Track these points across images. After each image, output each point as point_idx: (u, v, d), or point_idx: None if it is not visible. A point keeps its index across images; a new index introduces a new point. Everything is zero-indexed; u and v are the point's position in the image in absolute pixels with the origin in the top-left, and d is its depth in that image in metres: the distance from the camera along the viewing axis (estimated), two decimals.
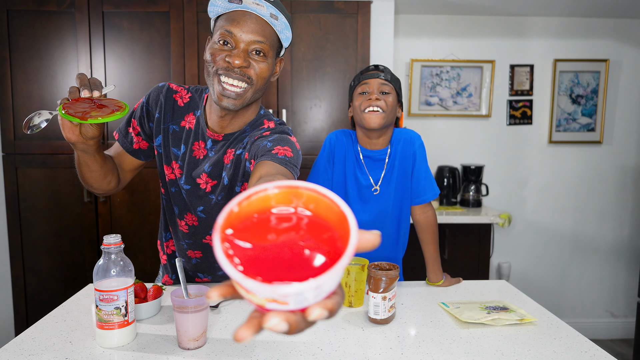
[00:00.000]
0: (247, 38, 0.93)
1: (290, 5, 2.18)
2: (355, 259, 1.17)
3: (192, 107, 1.09)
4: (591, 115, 2.87)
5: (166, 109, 1.08)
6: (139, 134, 1.11)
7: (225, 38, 0.93)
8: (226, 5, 0.93)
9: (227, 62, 0.93)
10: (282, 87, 2.22)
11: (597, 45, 2.82)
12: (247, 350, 0.90)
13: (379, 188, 1.34)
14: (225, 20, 0.94)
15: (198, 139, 1.07)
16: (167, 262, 1.28)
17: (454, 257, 2.40)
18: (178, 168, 1.09)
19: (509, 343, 0.94)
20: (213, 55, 0.95)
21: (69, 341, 0.93)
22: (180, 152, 1.08)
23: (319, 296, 0.33)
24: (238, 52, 0.93)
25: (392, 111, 1.29)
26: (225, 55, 0.94)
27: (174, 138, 1.08)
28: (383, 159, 1.35)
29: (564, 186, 2.92)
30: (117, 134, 1.13)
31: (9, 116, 2.14)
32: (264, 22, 0.95)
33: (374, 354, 0.89)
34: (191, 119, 1.08)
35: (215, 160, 1.06)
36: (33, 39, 2.13)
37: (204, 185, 1.08)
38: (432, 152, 2.86)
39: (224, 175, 1.06)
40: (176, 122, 1.08)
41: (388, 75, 1.30)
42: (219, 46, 0.94)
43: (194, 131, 1.07)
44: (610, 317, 3.01)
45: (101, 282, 0.89)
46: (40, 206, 2.19)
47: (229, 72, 0.94)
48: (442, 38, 2.78)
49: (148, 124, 1.10)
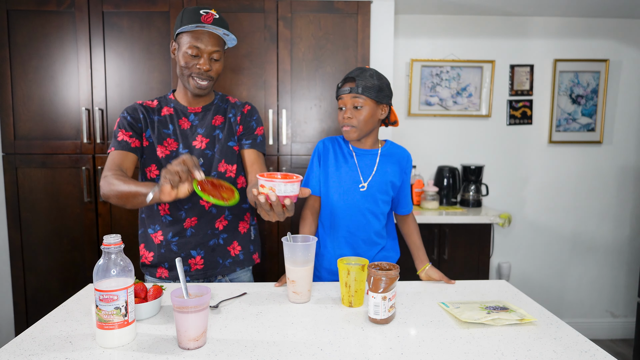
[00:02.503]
0: (209, 49, 1.35)
1: (290, 5, 2.18)
2: (356, 259, 1.17)
3: (164, 104, 1.47)
4: (591, 115, 2.87)
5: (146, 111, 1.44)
6: (131, 136, 1.39)
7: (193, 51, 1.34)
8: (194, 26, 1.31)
9: (197, 69, 1.36)
10: (282, 87, 2.22)
11: (597, 45, 2.82)
12: (247, 350, 0.90)
13: (366, 185, 1.43)
14: (191, 37, 1.33)
15: (180, 117, 1.45)
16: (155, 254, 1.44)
17: (454, 257, 2.40)
18: (173, 142, 1.42)
19: (509, 343, 0.94)
20: (187, 63, 1.35)
21: (69, 341, 0.93)
22: (170, 131, 1.43)
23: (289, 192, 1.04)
24: (204, 60, 1.35)
25: (366, 123, 1.40)
26: (195, 64, 1.35)
27: (161, 123, 1.44)
28: (374, 158, 1.46)
29: (564, 186, 2.92)
30: (112, 147, 1.39)
31: (9, 116, 2.14)
32: (218, 36, 1.36)
33: (374, 354, 0.89)
34: (168, 109, 1.46)
35: (206, 124, 1.45)
36: (33, 39, 2.13)
37: (198, 145, 1.43)
38: (432, 152, 2.86)
39: (218, 132, 1.45)
40: (157, 114, 1.45)
41: (360, 86, 1.36)
42: (189, 57, 1.35)
43: (175, 115, 1.45)
44: (610, 317, 3.01)
45: (101, 282, 0.89)
46: (40, 206, 2.19)
47: (200, 75, 1.37)
48: (442, 38, 2.78)
49: (137, 124, 1.41)
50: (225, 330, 1.00)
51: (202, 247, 1.43)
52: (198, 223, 1.42)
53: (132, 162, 1.39)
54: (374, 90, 1.37)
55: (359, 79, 1.37)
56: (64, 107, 2.16)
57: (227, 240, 1.47)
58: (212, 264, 1.44)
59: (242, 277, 1.53)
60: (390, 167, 1.45)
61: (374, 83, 1.37)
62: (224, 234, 1.46)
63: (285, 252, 1.18)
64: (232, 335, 0.97)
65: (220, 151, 1.44)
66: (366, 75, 1.37)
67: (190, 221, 1.42)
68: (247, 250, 1.51)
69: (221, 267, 1.46)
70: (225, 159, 1.44)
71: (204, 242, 1.43)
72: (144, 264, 1.47)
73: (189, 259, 1.42)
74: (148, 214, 1.46)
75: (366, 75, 1.37)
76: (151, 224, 1.45)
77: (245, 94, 2.21)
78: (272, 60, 2.20)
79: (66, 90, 2.16)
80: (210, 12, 1.33)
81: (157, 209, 1.44)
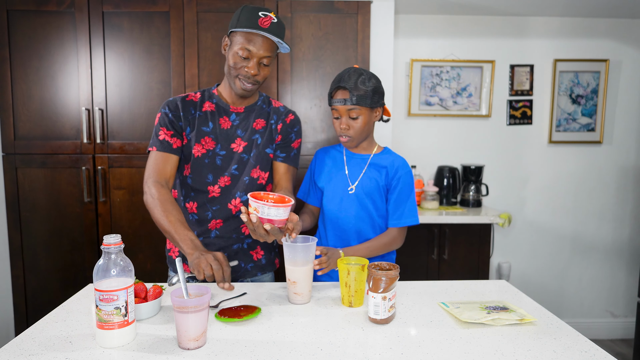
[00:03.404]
0: (261, 54, 1.30)
1: (290, 5, 2.18)
2: (356, 259, 1.17)
3: (207, 98, 1.43)
4: (591, 115, 2.87)
5: (187, 107, 1.39)
6: (172, 135, 1.36)
7: (244, 53, 1.29)
8: (250, 30, 1.27)
9: (245, 72, 1.32)
10: (282, 87, 2.22)
11: (597, 45, 2.82)
12: (247, 350, 0.90)
13: (354, 188, 1.45)
14: (245, 39, 1.28)
15: (222, 115, 1.41)
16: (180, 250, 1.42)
17: (454, 257, 2.40)
18: (210, 141, 1.39)
19: (509, 343, 0.94)
20: (235, 64, 1.31)
21: (69, 341, 0.93)
22: (209, 129, 1.39)
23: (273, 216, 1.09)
24: (253, 64, 1.31)
25: (363, 131, 1.42)
26: (244, 66, 1.31)
27: (201, 119, 1.39)
28: (364, 163, 1.48)
29: (564, 186, 2.92)
30: (153, 147, 1.36)
31: (9, 116, 2.14)
32: (272, 41, 1.31)
33: (374, 354, 0.89)
34: (210, 105, 1.41)
35: (246, 127, 1.42)
36: (33, 39, 2.13)
37: (237, 148, 1.40)
38: (432, 152, 2.86)
39: (257, 137, 1.42)
40: (198, 109, 1.41)
41: (354, 96, 1.35)
42: (239, 58, 1.30)
43: (216, 112, 1.41)
44: (610, 317, 3.01)
45: (101, 282, 0.89)
46: (40, 206, 2.19)
47: (247, 79, 1.33)
48: (442, 38, 2.78)
49: (178, 122, 1.38)
50: (225, 330, 1.00)
51: (225, 250, 1.41)
52: (223, 226, 1.41)
53: (174, 166, 1.37)
54: (368, 98, 1.37)
55: (352, 89, 1.35)
56: (64, 107, 2.16)
57: (251, 244, 1.46)
58: (234, 268, 1.43)
59: (264, 280, 1.52)
60: (377, 173, 1.46)
61: (366, 90, 1.36)
62: (248, 239, 1.45)
63: (285, 252, 1.18)
64: (232, 335, 0.97)
65: (256, 156, 1.42)
66: (358, 83, 1.35)
67: (215, 223, 1.40)
68: (268, 254, 1.51)
69: (243, 270, 1.45)
70: (260, 165, 1.42)
71: (228, 246, 1.42)
72: (171, 257, 1.47)
73: None
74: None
75: (358, 82, 1.36)
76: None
77: None
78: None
79: (66, 90, 2.16)
80: (269, 15, 1.28)
81: (185, 206, 1.42)
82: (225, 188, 1.40)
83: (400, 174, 1.44)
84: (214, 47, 2.18)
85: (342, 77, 1.38)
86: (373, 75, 1.40)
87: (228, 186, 1.40)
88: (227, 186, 1.40)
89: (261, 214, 1.08)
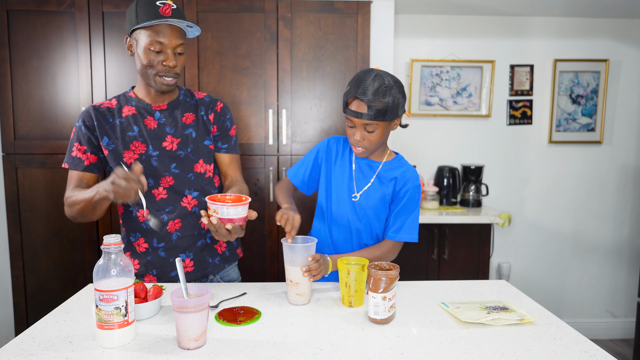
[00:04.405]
0: (173, 43, 1.26)
1: (290, 6, 2.18)
2: (356, 259, 1.17)
3: (124, 103, 1.37)
4: (591, 115, 2.87)
5: (101, 116, 1.33)
6: (85, 151, 1.32)
7: (156, 47, 1.24)
8: (155, 21, 1.22)
9: (164, 66, 1.27)
10: (282, 87, 2.22)
11: (597, 45, 2.82)
12: (247, 350, 0.90)
13: (359, 196, 1.39)
14: (152, 32, 1.23)
15: (145, 117, 1.35)
16: (141, 262, 1.38)
17: (454, 257, 2.40)
18: (140, 144, 1.33)
19: (509, 343, 0.94)
20: (150, 61, 1.26)
21: (69, 341, 0.93)
22: (135, 133, 1.33)
23: (233, 215, 1.11)
24: (169, 55, 1.26)
25: (378, 143, 1.31)
26: (160, 61, 1.26)
27: (124, 126, 1.33)
28: (373, 171, 1.39)
29: (564, 186, 2.92)
30: (66, 164, 1.33)
31: (9, 116, 2.14)
32: (179, 28, 1.27)
33: (374, 354, 0.89)
34: (129, 109, 1.36)
35: (174, 123, 1.36)
36: (33, 39, 2.13)
37: (169, 146, 1.35)
38: (432, 152, 2.86)
39: (191, 131, 1.37)
40: (118, 116, 1.35)
41: (373, 111, 1.22)
42: (152, 54, 1.25)
43: (138, 114, 1.35)
44: (610, 317, 3.01)
45: (101, 282, 0.89)
46: (40, 206, 2.19)
47: (167, 73, 1.28)
48: (442, 38, 2.78)
49: (93, 134, 1.32)
50: (225, 330, 1.00)
51: (190, 249, 1.38)
52: (182, 225, 1.36)
53: (92, 182, 1.34)
54: (387, 112, 1.24)
55: (370, 102, 1.22)
56: (64, 107, 2.16)
57: (213, 238, 1.43)
58: (202, 264, 1.41)
59: (231, 273, 1.52)
60: (385, 184, 1.38)
61: (386, 104, 1.22)
62: (210, 233, 1.42)
63: (285, 253, 1.18)
64: (232, 336, 0.97)
65: (195, 151, 1.38)
66: (378, 95, 1.21)
67: (173, 224, 1.35)
68: (230, 245, 1.50)
69: (211, 266, 1.43)
70: (203, 159, 1.39)
71: (192, 244, 1.39)
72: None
73: None
74: (127, 223, 1.39)
75: (378, 94, 1.22)
76: (131, 231, 1.38)
77: (245, 94, 2.21)
78: (272, 60, 2.20)
79: (66, 90, 2.16)
80: (167, 2, 1.23)
81: (136, 216, 1.36)
82: (171, 188, 1.35)
83: (409, 188, 1.36)
84: (214, 47, 2.18)
85: (360, 85, 1.23)
86: (395, 83, 1.26)
87: (173, 185, 1.35)
88: (171, 186, 1.35)
89: (221, 214, 1.10)
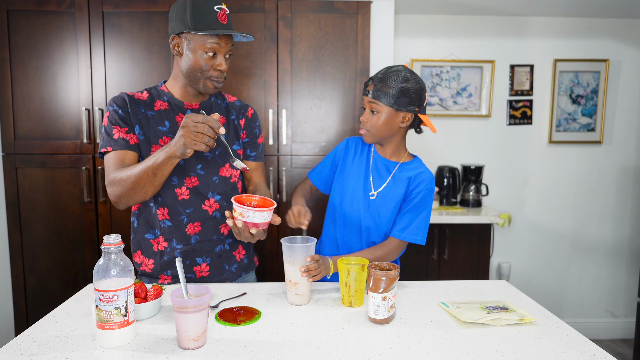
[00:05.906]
0: (227, 49, 1.26)
1: (290, 6, 2.18)
2: (356, 259, 1.17)
3: (156, 97, 1.34)
4: (591, 115, 2.87)
5: (135, 104, 1.30)
6: (127, 132, 1.27)
7: (212, 51, 1.23)
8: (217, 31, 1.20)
9: (217, 71, 1.26)
10: (282, 87, 2.22)
11: (597, 45, 2.82)
12: (247, 350, 0.90)
13: (376, 194, 1.40)
14: (209, 36, 1.20)
15: (177, 113, 1.33)
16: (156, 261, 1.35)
17: (454, 257, 2.40)
18: (170, 140, 1.29)
19: (509, 343, 0.94)
20: (205, 65, 1.24)
21: (69, 341, 0.93)
22: (166, 128, 1.31)
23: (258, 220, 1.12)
24: (222, 60, 1.25)
25: (380, 129, 1.33)
26: (213, 65, 1.25)
27: (155, 119, 1.30)
28: (389, 171, 1.40)
29: (564, 186, 2.92)
30: (109, 146, 1.26)
31: (9, 116, 2.14)
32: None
33: (374, 354, 0.89)
34: (162, 103, 1.33)
35: None
36: (33, 39, 2.13)
37: None
38: (432, 152, 2.86)
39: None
40: (150, 108, 1.31)
41: (377, 90, 1.29)
42: (208, 58, 1.23)
43: (170, 110, 1.33)
44: (610, 317, 3.01)
45: (101, 282, 0.89)
46: (40, 206, 2.19)
47: (218, 78, 1.27)
48: (442, 38, 2.78)
49: (130, 118, 1.28)
50: (225, 330, 1.00)
51: (208, 255, 1.35)
52: (202, 229, 1.34)
53: (134, 162, 1.27)
54: (392, 97, 1.27)
55: (377, 82, 1.29)
56: (64, 107, 2.16)
57: (232, 245, 1.40)
58: (218, 270, 1.38)
59: (248, 281, 1.49)
60: (400, 184, 1.38)
61: (394, 88, 1.27)
62: (229, 239, 1.39)
63: (284, 253, 1.18)
64: (232, 336, 0.97)
65: (223, 155, 1.36)
66: (387, 79, 1.28)
67: (193, 227, 1.33)
68: (249, 253, 1.48)
69: (227, 273, 1.40)
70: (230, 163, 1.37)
71: (210, 249, 1.36)
72: (144, 271, 1.37)
73: (194, 266, 1.34)
74: (144, 219, 1.35)
75: (388, 78, 1.28)
76: (150, 228, 1.34)
77: (245, 94, 2.21)
78: (272, 60, 2.20)
79: (66, 90, 2.16)
80: (223, 7, 1.21)
81: (155, 213, 1.32)
82: (194, 189, 1.32)
83: (422, 189, 1.35)
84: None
85: (380, 70, 1.32)
86: (413, 78, 1.30)
87: (196, 187, 1.32)
88: (195, 187, 1.32)
89: (246, 218, 1.11)
